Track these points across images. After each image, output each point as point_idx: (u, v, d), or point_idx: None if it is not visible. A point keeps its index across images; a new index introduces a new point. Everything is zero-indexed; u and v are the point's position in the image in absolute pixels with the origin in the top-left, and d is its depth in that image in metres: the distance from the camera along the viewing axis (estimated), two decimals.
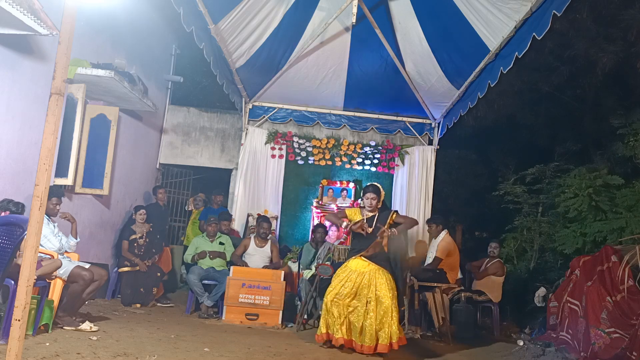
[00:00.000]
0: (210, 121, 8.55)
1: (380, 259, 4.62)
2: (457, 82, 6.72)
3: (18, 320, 2.36)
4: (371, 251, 4.61)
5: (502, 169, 9.71)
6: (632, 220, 6.15)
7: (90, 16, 5.44)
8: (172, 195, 8.65)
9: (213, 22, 5.53)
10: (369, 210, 4.72)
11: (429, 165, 8.18)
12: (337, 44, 6.93)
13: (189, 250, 6.57)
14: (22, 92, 4.60)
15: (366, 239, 4.64)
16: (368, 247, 4.61)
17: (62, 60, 2.50)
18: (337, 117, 8.37)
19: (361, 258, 4.62)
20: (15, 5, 3.62)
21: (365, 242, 4.64)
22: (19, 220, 3.71)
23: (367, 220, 4.66)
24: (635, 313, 4.25)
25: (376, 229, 4.60)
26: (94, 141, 6.01)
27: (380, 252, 4.66)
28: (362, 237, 4.65)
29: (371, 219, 4.67)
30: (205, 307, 6.05)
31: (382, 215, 4.69)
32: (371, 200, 4.70)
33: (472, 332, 6.08)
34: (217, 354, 4.11)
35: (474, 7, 5.22)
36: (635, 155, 6.91)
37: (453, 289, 6.20)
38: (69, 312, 4.42)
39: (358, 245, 4.72)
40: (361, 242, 4.68)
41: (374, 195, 4.71)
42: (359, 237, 4.71)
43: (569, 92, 8.95)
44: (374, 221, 4.65)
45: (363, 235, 4.63)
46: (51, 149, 2.45)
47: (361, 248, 4.66)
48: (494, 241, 6.97)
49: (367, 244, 4.63)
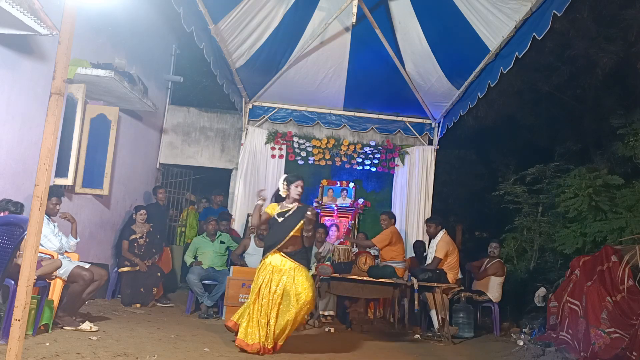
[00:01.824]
0: (210, 121, 8.55)
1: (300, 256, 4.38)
2: (457, 82, 6.72)
3: (18, 320, 2.36)
4: (290, 248, 4.34)
5: (502, 169, 9.70)
6: (632, 220, 6.15)
7: (90, 16, 5.44)
8: (172, 195, 8.65)
9: (213, 22, 5.53)
10: (291, 202, 4.43)
11: (429, 165, 8.18)
12: (337, 44, 6.93)
13: (189, 251, 6.58)
14: (22, 92, 4.60)
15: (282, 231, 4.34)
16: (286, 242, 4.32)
17: (62, 60, 2.50)
18: (337, 117, 8.37)
19: (280, 254, 4.35)
20: (15, 5, 3.62)
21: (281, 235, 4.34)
22: (19, 220, 3.71)
23: (279, 213, 4.38)
24: (635, 313, 4.25)
25: (289, 220, 4.32)
26: (94, 141, 6.01)
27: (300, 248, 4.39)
28: (279, 230, 4.36)
29: (284, 213, 4.39)
30: (205, 307, 6.05)
31: (298, 211, 4.37)
32: (301, 188, 4.43)
33: (472, 332, 6.09)
34: (217, 354, 4.11)
35: (474, 7, 5.22)
36: (635, 155, 6.91)
37: (453, 289, 6.20)
38: (69, 312, 4.42)
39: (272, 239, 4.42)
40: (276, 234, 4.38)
41: (302, 183, 4.45)
42: (274, 231, 4.42)
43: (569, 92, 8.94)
44: (292, 214, 4.37)
45: (279, 228, 4.34)
46: (51, 149, 2.45)
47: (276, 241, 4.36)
48: (494, 241, 6.96)
49: (282, 237, 4.33)
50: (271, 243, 4.39)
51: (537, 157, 8.67)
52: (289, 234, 4.30)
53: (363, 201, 8.05)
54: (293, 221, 4.33)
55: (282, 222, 4.35)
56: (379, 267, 5.84)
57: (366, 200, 8.09)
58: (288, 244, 4.32)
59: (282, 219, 4.35)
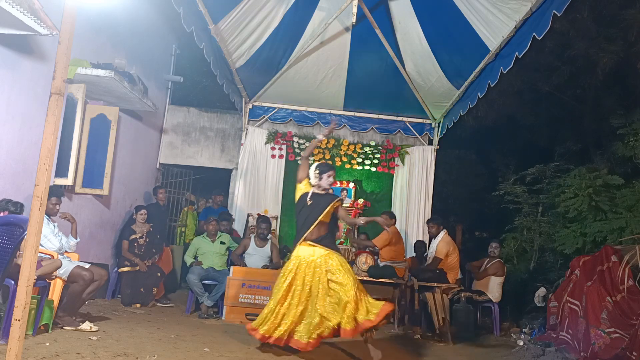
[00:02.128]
0: (210, 121, 8.55)
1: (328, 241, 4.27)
2: (457, 82, 6.73)
3: (18, 320, 2.36)
4: (315, 233, 4.22)
5: (502, 169, 9.71)
6: (632, 220, 6.15)
7: (90, 16, 5.44)
8: (172, 195, 8.65)
9: (213, 22, 5.53)
10: (320, 190, 4.31)
11: (429, 165, 8.18)
12: (337, 44, 6.93)
13: (189, 251, 6.58)
14: (22, 92, 4.60)
15: (308, 215, 4.22)
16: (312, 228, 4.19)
17: (62, 60, 2.50)
18: (337, 117, 8.37)
19: (307, 243, 4.22)
20: (15, 5, 3.62)
21: (308, 220, 4.22)
22: (19, 220, 3.71)
23: (311, 195, 4.26)
24: (635, 313, 4.25)
25: (317, 203, 4.22)
26: (94, 141, 6.01)
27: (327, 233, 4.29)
28: (306, 214, 4.24)
29: (318, 196, 4.28)
30: (205, 307, 6.05)
31: (328, 196, 4.31)
32: (332, 178, 4.34)
33: (472, 332, 6.09)
34: (217, 354, 4.11)
35: (474, 7, 5.22)
36: (635, 155, 6.91)
37: (453, 289, 6.20)
38: (69, 312, 4.42)
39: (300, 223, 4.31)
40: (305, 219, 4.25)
41: (334, 174, 4.39)
42: (302, 214, 4.29)
43: (569, 92, 8.95)
44: (321, 199, 4.26)
45: (307, 212, 4.22)
46: (51, 149, 2.46)
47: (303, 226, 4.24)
48: (494, 241, 6.97)
49: (310, 222, 4.21)
50: (299, 227, 4.29)
51: (537, 157, 8.67)
52: (317, 219, 4.17)
53: (363, 201, 8.06)
54: (322, 205, 4.21)
55: (310, 204, 4.22)
56: (379, 267, 5.84)
57: (366, 200, 8.10)
58: (314, 230, 4.20)
59: (311, 202, 4.22)
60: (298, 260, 4.19)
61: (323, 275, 4.09)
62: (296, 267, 4.17)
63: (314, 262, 4.15)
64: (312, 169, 4.37)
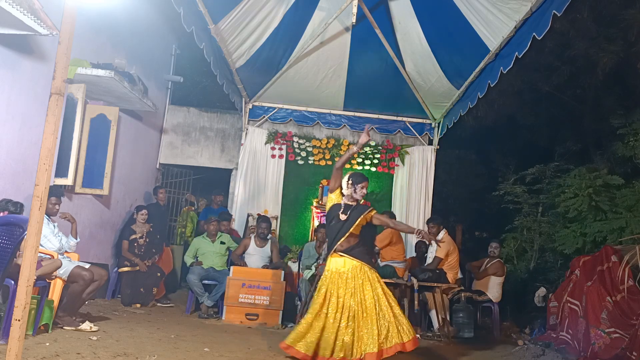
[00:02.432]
0: (210, 121, 8.55)
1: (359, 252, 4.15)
2: (457, 82, 6.72)
3: (18, 320, 2.36)
4: (345, 244, 4.12)
5: (502, 169, 9.71)
6: (632, 220, 6.15)
7: (90, 16, 5.44)
8: (172, 195, 8.65)
9: (213, 22, 5.53)
10: (352, 201, 4.21)
11: (429, 165, 8.18)
12: (337, 44, 6.93)
13: (189, 252, 6.58)
14: (22, 92, 4.60)
15: (340, 227, 4.12)
16: (342, 239, 4.10)
17: (62, 60, 2.50)
18: (337, 117, 8.37)
19: (337, 254, 4.13)
20: (15, 5, 3.62)
21: (340, 233, 4.12)
22: (19, 220, 3.71)
23: (343, 208, 4.16)
24: (635, 313, 4.25)
25: (353, 219, 4.12)
26: (94, 141, 6.01)
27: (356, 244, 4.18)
28: (337, 226, 4.14)
29: (348, 208, 4.17)
30: (205, 307, 6.05)
31: (359, 208, 4.21)
32: (363, 190, 4.22)
33: (472, 332, 6.09)
34: (217, 354, 4.11)
35: (474, 7, 5.22)
36: (635, 155, 6.91)
37: (453, 289, 6.21)
38: (69, 312, 4.42)
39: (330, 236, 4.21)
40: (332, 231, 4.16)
41: (367, 185, 4.28)
42: (333, 226, 4.18)
43: (569, 92, 8.95)
44: (351, 211, 4.16)
45: (338, 224, 4.12)
46: (51, 149, 2.46)
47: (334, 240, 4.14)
48: (494, 241, 6.96)
49: (341, 234, 4.11)
50: (330, 242, 4.18)
51: (537, 157, 8.68)
52: (349, 231, 4.08)
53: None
54: (352, 218, 4.12)
55: (345, 219, 4.11)
56: (379, 267, 5.83)
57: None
58: (344, 242, 4.10)
59: (345, 217, 4.11)
60: (330, 273, 4.12)
61: (358, 287, 4.00)
62: (328, 280, 4.10)
63: (345, 274, 4.06)
64: (345, 178, 4.26)
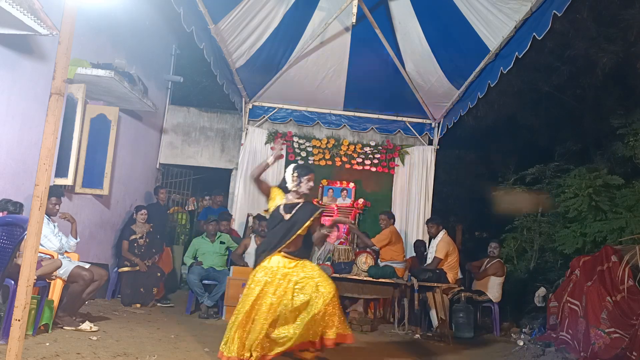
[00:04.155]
0: (210, 121, 8.55)
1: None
2: (457, 82, 6.73)
3: (18, 320, 2.36)
4: (292, 247, 3.75)
5: (502, 169, 9.70)
6: (632, 220, 6.15)
7: (90, 16, 5.44)
8: (172, 195, 8.65)
9: (213, 22, 5.53)
10: (297, 197, 3.83)
11: (428, 165, 8.18)
12: (337, 44, 6.93)
13: (189, 252, 6.58)
14: (22, 92, 4.60)
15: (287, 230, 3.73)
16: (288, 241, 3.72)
17: (62, 60, 2.50)
18: (337, 117, 8.37)
19: (281, 254, 3.74)
20: (15, 5, 3.62)
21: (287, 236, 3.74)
22: (19, 220, 3.71)
23: (285, 206, 3.77)
24: (635, 313, 4.25)
25: (296, 218, 3.73)
26: (94, 141, 6.01)
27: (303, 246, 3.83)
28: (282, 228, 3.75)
29: (291, 206, 3.78)
30: (205, 307, 6.05)
31: (308, 207, 3.82)
32: (310, 183, 3.84)
33: (472, 332, 6.09)
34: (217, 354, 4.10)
35: (474, 7, 5.22)
36: (635, 155, 6.91)
37: (453, 289, 6.21)
38: (69, 312, 4.42)
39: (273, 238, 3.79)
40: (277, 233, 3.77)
41: (313, 177, 3.88)
42: (277, 229, 3.78)
43: (569, 92, 8.94)
44: (297, 210, 3.76)
45: (284, 226, 3.73)
46: (51, 149, 2.46)
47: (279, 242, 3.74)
48: (494, 241, 6.97)
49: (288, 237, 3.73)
50: (274, 242, 3.75)
51: (537, 157, 8.67)
52: (296, 233, 3.71)
53: (363, 201, 8.05)
54: (301, 219, 3.74)
55: (289, 219, 3.73)
56: (379, 267, 5.83)
57: (366, 200, 8.09)
58: (291, 243, 3.73)
59: (290, 216, 3.73)
60: (269, 269, 3.70)
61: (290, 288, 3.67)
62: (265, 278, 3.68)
63: (284, 272, 3.70)
64: (288, 170, 3.91)
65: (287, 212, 3.75)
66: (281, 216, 3.76)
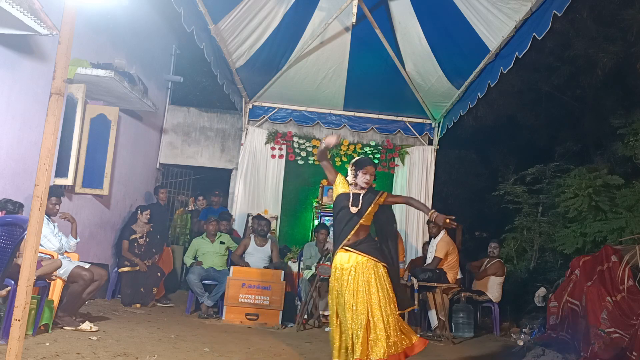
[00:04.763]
0: (210, 121, 8.55)
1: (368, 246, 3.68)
2: (457, 82, 6.73)
3: (18, 320, 2.36)
4: (353, 238, 3.65)
5: (502, 169, 9.71)
6: (632, 220, 6.15)
7: (90, 16, 5.44)
8: (172, 195, 8.65)
9: (213, 22, 5.53)
10: (358, 189, 3.76)
11: (429, 165, 8.18)
12: (337, 44, 6.93)
13: (189, 252, 6.58)
14: (22, 92, 4.60)
15: (349, 220, 3.66)
16: (350, 233, 3.63)
17: (62, 60, 2.50)
18: (337, 117, 8.37)
19: (343, 249, 3.64)
20: (15, 5, 3.62)
21: (348, 225, 3.66)
22: (19, 220, 3.71)
23: (352, 197, 3.70)
24: (635, 313, 4.25)
25: (363, 209, 3.67)
26: (94, 141, 6.01)
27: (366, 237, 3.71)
28: (345, 218, 3.67)
29: (357, 197, 3.71)
30: (205, 307, 6.05)
31: (369, 195, 3.74)
32: (370, 175, 3.75)
33: (472, 332, 6.09)
34: (217, 354, 4.11)
35: (474, 7, 5.22)
36: (635, 155, 6.91)
37: (453, 289, 6.20)
38: (69, 312, 4.42)
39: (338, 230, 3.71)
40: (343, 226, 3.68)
41: (373, 170, 3.79)
42: (340, 219, 3.72)
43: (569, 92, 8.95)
44: (360, 200, 3.69)
45: (346, 216, 3.66)
46: (51, 149, 2.45)
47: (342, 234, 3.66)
48: (494, 241, 6.96)
49: (350, 227, 3.65)
50: (337, 234, 3.72)
51: (537, 157, 8.68)
52: (358, 222, 3.64)
53: None
54: (364, 208, 3.66)
55: (350, 207, 3.65)
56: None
57: None
58: (352, 236, 3.64)
59: (356, 209, 3.65)
60: (335, 269, 3.67)
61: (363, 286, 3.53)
62: (334, 278, 3.66)
63: (348, 270, 3.58)
64: (350, 165, 3.88)
65: (354, 204, 3.68)
66: (346, 207, 3.70)
